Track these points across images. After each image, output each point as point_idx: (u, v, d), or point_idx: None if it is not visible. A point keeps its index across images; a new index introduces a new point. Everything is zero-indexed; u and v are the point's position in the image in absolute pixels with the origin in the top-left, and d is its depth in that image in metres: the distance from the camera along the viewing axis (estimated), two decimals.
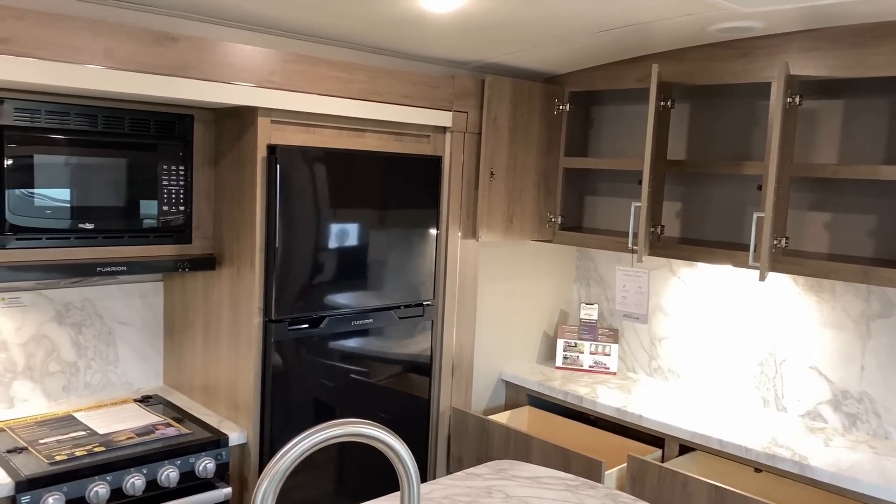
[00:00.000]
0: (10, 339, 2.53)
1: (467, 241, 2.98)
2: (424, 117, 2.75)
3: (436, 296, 2.90)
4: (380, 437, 1.11)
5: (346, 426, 1.08)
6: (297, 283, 2.46)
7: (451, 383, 2.99)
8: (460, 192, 2.92)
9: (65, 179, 2.22)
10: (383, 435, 1.11)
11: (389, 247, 2.69)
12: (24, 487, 2.01)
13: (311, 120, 2.49)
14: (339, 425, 1.08)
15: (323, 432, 1.06)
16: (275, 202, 2.37)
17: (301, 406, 2.53)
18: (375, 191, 2.63)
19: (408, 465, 1.13)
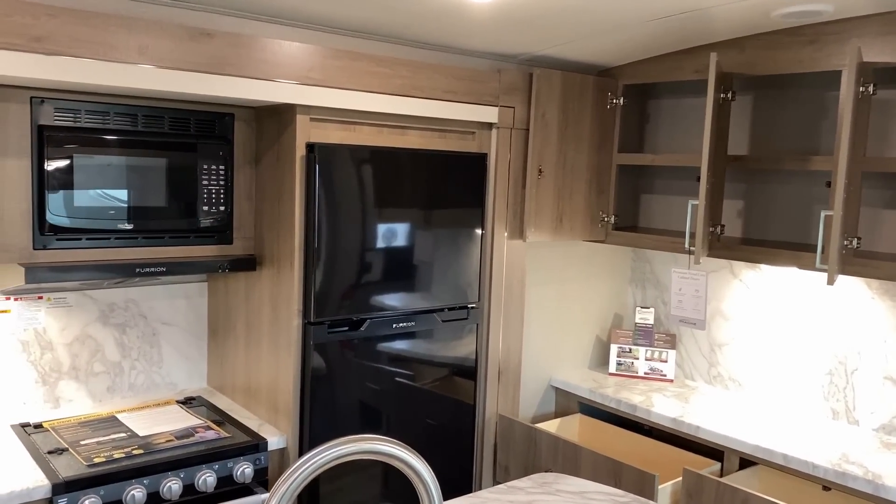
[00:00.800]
0: (56, 340, 2.54)
1: (514, 241, 2.87)
2: (469, 113, 2.65)
3: (481, 298, 2.80)
4: (399, 455, 1.02)
5: (360, 443, 1.00)
6: (338, 285, 2.40)
7: (498, 389, 2.89)
8: (507, 190, 2.82)
9: (105, 180, 2.20)
10: (402, 453, 1.02)
11: (432, 247, 2.61)
12: (60, 490, 2.00)
13: (351, 117, 2.42)
14: (354, 441, 1.00)
15: (335, 449, 0.98)
16: (314, 201, 2.31)
17: (342, 410, 2.47)
18: (418, 190, 2.55)
19: (430, 486, 1.04)
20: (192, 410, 2.59)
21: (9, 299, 2.45)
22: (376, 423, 2.55)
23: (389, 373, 2.57)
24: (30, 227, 2.12)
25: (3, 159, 2.06)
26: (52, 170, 2.11)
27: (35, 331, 2.50)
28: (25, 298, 2.48)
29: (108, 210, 2.22)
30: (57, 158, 2.12)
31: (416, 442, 2.66)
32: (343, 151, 2.36)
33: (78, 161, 2.15)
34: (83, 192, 2.17)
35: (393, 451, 1.02)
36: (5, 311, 2.45)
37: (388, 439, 1.02)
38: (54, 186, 2.12)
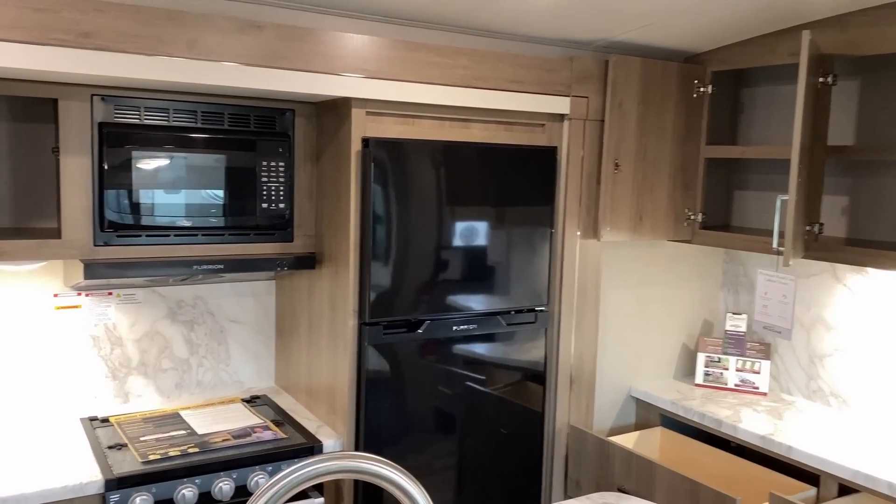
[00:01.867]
0: (126, 335, 2.58)
1: (588, 241, 2.70)
2: (538, 104, 2.50)
3: (550, 301, 2.64)
4: (388, 475, 0.90)
5: (343, 460, 0.89)
6: (395, 285, 2.31)
7: (569, 398, 2.72)
8: (579, 186, 2.64)
9: (164, 177, 2.20)
10: (392, 474, 0.90)
11: (497, 247, 2.47)
12: (113, 486, 2.00)
13: (409, 110, 2.32)
14: (336, 458, 0.89)
15: (311, 467, 0.87)
16: (370, 198, 2.23)
17: (397, 415, 2.37)
18: (481, 186, 2.42)
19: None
20: (254, 409, 2.57)
21: (80, 295, 2.50)
22: (434, 429, 2.44)
23: (449, 377, 2.45)
24: (91, 223, 2.14)
25: (66, 156, 2.09)
26: (111, 167, 2.12)
27: (105, 326, 2.54)
28: (96, 294, 2.53)
29: (167, 207, 2.22)
30: (116, 155, 2.13)
31: (477, 451, 2.53)
32: (399, 146, 2.26)
33: (137, 158, 2.16)
34: (142, 189, 2.17)
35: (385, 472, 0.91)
36: (77, 306, 2.50)
37: (377, 458, 0.91)
38: (114, 183, 2.13)
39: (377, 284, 2.27)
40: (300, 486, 0.89)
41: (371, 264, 2.25)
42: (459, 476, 2.51)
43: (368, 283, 2.26)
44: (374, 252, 2.25)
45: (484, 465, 2.54)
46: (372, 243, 2.25)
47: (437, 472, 2.48)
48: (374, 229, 2.25)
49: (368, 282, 2.26)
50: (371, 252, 2.25)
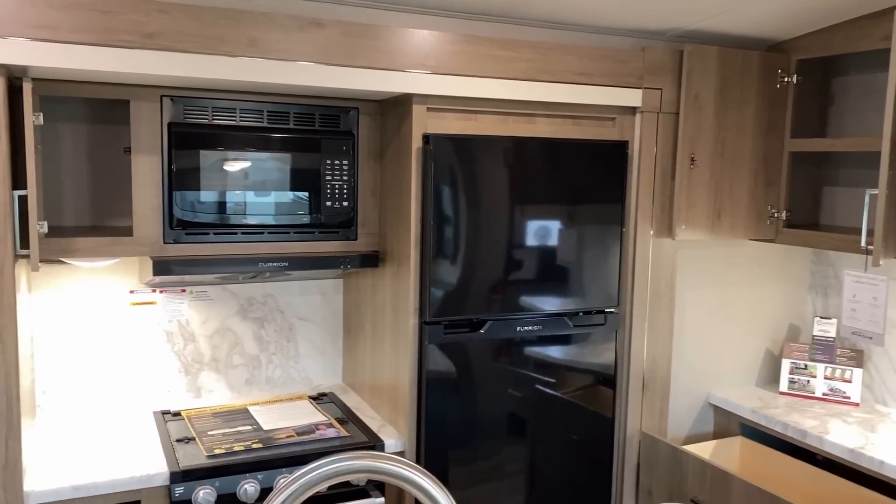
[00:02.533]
0: (198, 331, 2.64)
1: (662, 240, 2.58)
2: (607, 97, 2.41)
3: (621, 302, 2.54)
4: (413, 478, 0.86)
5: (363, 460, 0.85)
6: (456, 284, 2.27)
7: (642, 403, 2.60)
8: (652, 182, 2.53)
9: (230, 176, 2.23)
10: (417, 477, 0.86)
11: (564, 246, 2.39)
12: (178, 478, 2.04)
13: (471, 106, 2.28)
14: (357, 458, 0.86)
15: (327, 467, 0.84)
16: (430, 196, 2.20)
17: (458, 416, 2.33)
18: (547, 182, 2.35)
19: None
20: (320, 407, 2.58)
21: (154, 291, 2.58)
22: (498, 433, 2.39)
23: (513, 379, 2.39)
24: (161, 221, 2.19)
25: (137, 156, 2.15)
26: (180, 166, 2.17)
27: (178, 322, 2.61)
28: (170, 291, 2.60)
29: (233, 206, 2.25)
30: (185, 155, 2.18)
31: (543, 456, 2.46)
32: (460, 142, 2.22)
33: (205, 157, 2.20)
34: (210, 188, 2.21)
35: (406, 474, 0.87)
36: (151, 302, 2.58)
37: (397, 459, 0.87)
38: (182, 182, 2.18)
39: (438, 283, 2.24)
40: (322, 483, 0.86)
41: (432, 263, 2.22)
42: (525, 482, 2.44)
43: (429, 281, 2.23)
44: (435, 250, 2.22)
45: (550, 471, 2.47)
46: (433, 241, 2.21)
47: (501, 476, 2.42)
48: (434, 227, 2.21)
49: (429, 281, 2.23)
50: (432, 250, 2.22)
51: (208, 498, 2.05)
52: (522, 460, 2.44)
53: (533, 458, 2.45)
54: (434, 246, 2.22)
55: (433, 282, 2.23)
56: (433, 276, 2.23)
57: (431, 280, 2.22)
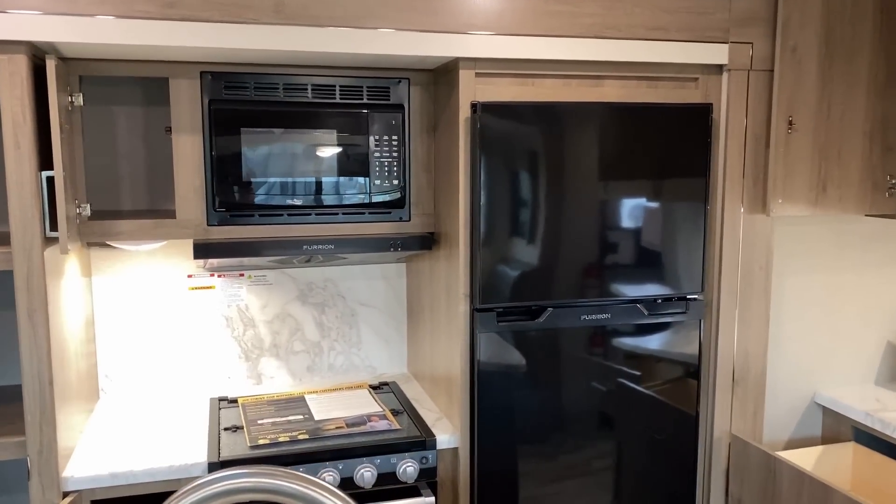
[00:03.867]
0: (257, 317, 2.57)
1: (754, 216, 2.25)
2: (686, 54, 2.12)
3: (705, 288, 2.24)
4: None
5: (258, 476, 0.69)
6: (510, 267, 2.06)
7: (731, 402, 2.30)
8: (742, 151, 2.21)
9: (274, 155, 2.13)
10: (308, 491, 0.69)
11: (637, 225, 2.13)
12: (216, 469, 1.95)
13: (527, 69, 2.05)
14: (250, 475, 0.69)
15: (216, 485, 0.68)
16: (479, 171, 2.00)
17: (515, 412, 2.13)
18: (617, 153, 2.09)
19: None
20: (378, 396, 2.45)
21: (213, 276, 2.53)
22: (559, 431, 2.16)
23: (576, 373, 2.16)
24: (203, 203, 2.12)
25: (178, 135, 2.08)
26: (221, 146, 2.08)
27: (238, 307, 2.55)
28: (228, 276, 2.54)
29: (278, 186, 2.14)
30: (226, 134, 2.09)
31: (613, 457, 2.21)
32: (512, 110, 2.00)
33: (247, 136, 2.10)
34: (253, 167, 2.12)
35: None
36: (210, 287, 2.53)
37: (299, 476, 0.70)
38: (224, 162, 2.09)
39: (490, 267, 2.04)
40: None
41: (481, 244, 2.02)
42: (595, 484, 2.21)
43: (478, 264, 2.03)
44: (485, 231, 2.02)
45: (623, 473, 2.22)
46: (484, 220, 2.02)
47: (567, 477, 2.20)
48: (486, 205, 2.01)
49: (478, 263, 2.03)
50: (481, 230, 2.02)
51: None
52: (591, 461, 2.21)
53: (603, 460, 2.21)
54: (484, 226, 2.02)
55: (484, 265, 2.03)
56: (483, 258, 2.03)
57: (482, 263, 2.03)
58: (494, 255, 2.04)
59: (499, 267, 2.05)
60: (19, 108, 1.71)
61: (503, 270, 2.06)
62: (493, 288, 2.05)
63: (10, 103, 1.70)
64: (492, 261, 2.04)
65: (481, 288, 2.04)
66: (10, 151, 1.72)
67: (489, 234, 2.03)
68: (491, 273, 2.04)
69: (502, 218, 2.03)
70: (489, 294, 2.04)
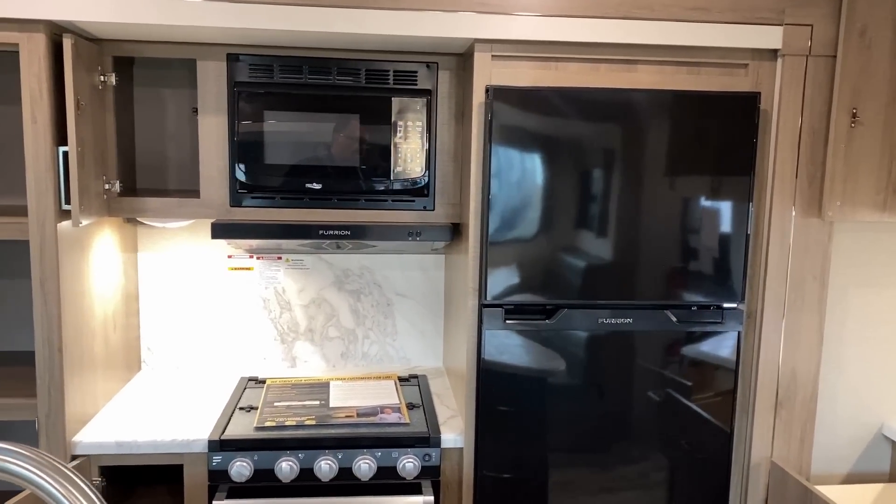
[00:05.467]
0: (294, 301, 2.59)
1: (809, 220, 2.01)
2: (734, 37, 1.92)
3: (747, 297, 2.02)
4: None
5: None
6: (521, 262, 1.94)
7: (774, 425, 2.07)
8: (796, 147, 1.97)
9: (297, 138, 2.12)
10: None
11: (666, 223, 1.95)
12: (216, 447, 1.99)
13: (550, 52, 1.92)
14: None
15: None
16: (488, 159, 1.90)
17: (519, 419, 2.01)
18: (647, 144, 1.92)
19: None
20: (403, 389, 2.40)
21: (251, 257, 2.56)
22: (567, 440, 2.02)
23: (589, 380, 2.01)
24: (226, 184, 2.14)
25: (204, 117, 2.11)
26: (244, 127, 2.10)
27: (275, 290, 2.58)
28: (266, 258, 2.57)
29: (299, 169, 2.13)
30: (249, 116, 2.10)
31: (629, 480, 2.04)
32: (530, 95, 1.88)
33: (270, 118, 2.11)
34: (275, 150, 2.12)
35: None
36: (249, 268, 2.57)
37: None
38: (247, 144, 2.11)
39: (499, 261, 1.93)
40: None
41: (490, 236, 1.92)
42: (605, 499, 2.06)
43: (486, 257, 1.93)
44: (497, 223, 1.92)
45: (638, 491, 2.05)
46: (493, 212, 1.91)
47: (569, 490, 2.05)
48: (496, 195, 1.91)
49: (486, 256, 1.93)
50: (489, 223, 1.91)
51: (242, 471, 1.97)
52: (603, 475, 2.05)
53: (616, 475, 2.05)
54: (495, 218, 1.91)
55: (492, 259, 1.93)
56: (492, 252, 1.93)
57: (490, 256, 1.93)
58: (504, 249, 1.93)
59: (509, 262, 1.94)
60: (37, 85, 1.79)
61: (513, 266, 1.94)
62: (501, 283, 1.94)
63: (28, 80, 1.78)
64: (501, 255, 1.93)
65: (488, 283, 1.93)
66: (28, 126, 1.80)
67: (500, 226, 1.92)
68: (499, 268, 1.93)
69: (515, 210, 1.92)
70: (497, 290, 1.94)
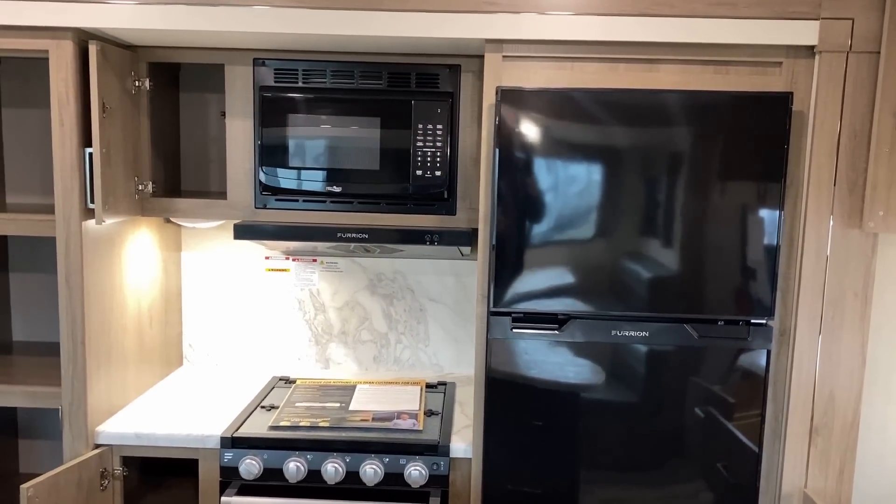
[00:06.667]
0: (328, 303, 2.62)
1: (849, 231, 1.84)
2: (764, 34, 1.79)
3: (777, 313, 1.87)
4: None
5: None
6: (530, 270, 1.88)
7: (808, 453, 1.90)
8: (834, 150, 1.81)
9: (319, 142, 2.14)
10: None
11: (688, 232, 1.83)
12: (227, 444, 2.02)
13: (564, 51, 1.85)
14: None
15: None
16: (495, 163, 1.85)
17: (526, 432, 1.93)
18: (668, 148, 1.82)
19: None
20: (428, 396, 2.37)
21: (287, 259, 2.61)
22: (572, 458, 1.93)
23: (600, 396, 1.91)
24: (252, 186, 2.19)
25: (231, 120, 2.17)
26: (269, 131, 2.14)
27: (310, 291, 2.61)
28: (302, 260, 2.61)
29: (322, 173, 2.15)
30: (274, 120, 2.13)
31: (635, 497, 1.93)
32: (538, 97, 1.82)
33: (294, 122, 2.14)
34: (297, 153, 2.15)
35: None
36: (285, 269, 2.62)
37: None
38: (271, 147, 2.14)
39: (506, 267, 1.87)
40: None
41: (497, 242, 1.86)
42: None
43: (491, 263, 1.88)
44: (505, 228, 1.86)
45: None
46: (502, 217, 1.86)
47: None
48: (505, 200, 1.85)
49: (491, 262, 1.87)
50: (495, 228, 1.86)
51: (251, 469, 2.00)
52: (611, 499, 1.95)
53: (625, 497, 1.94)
54: (503, 223, 1.86)
55: (500, 265, 1.87)
56: (499, 258, 1.87)
57: (497, 262, 1.87)
58: (513, 255, 1.87)
59: (517, 268, 1.88)
60: (64, 90, 1.88)
61: (522, 273, 1.88)
62: (509, 290, 1.88)
63: (56, 84, 1.88)
64: (509, 261, 1.87)
65: (495, 289, 1.88)
66: (56, 128, 1.89)
67: (509, 232, 1.86)
68: (507, 274, 1.87)
69: (524, 215, 1.86)
70: (504, 297, 1.88)
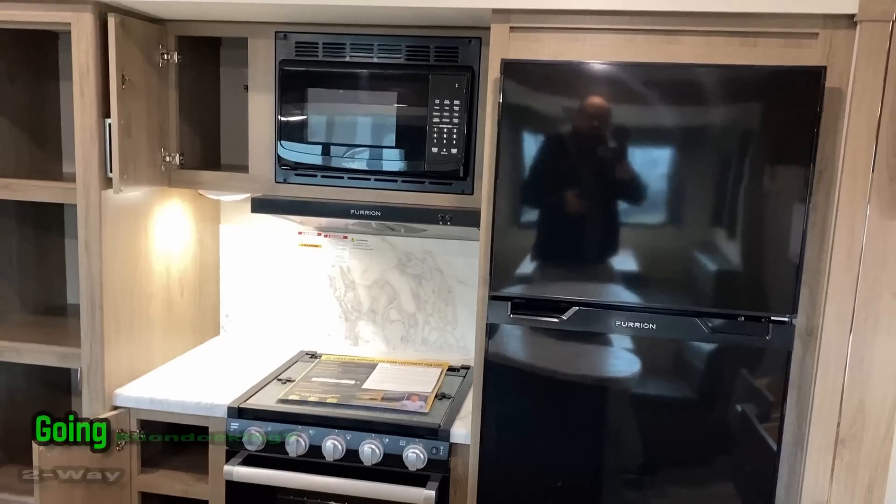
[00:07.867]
0: (358, 280, 2.61)
1: (888, 223, 1.64)
2: (797, 1, 1.61)
3: (800, 309, 1.70)
4: None
5: None
6: (533, 254, 1.79)
7: (833, 466, 1.73)
8: (874, 133, 1.62)
9: (337, 117, 2.13)
10: None
11: (702, 218, 1.70)
12: (234, 414, 2.05)
13: (575, 22, 1.74)
14: None
15: None
16: (496, 140, 1.77)
17: (522, 423, 1.86)
18: (684, 126, 1.69)
19: None
20: (446, 378, 2.33)
21: (320, 235, 2.62)
22: (570, 450, 1.83)
23: (601, 390, 1.80)
24: (272, 160, 2.20)
25: (253, 94, 2.18)
26: (288, 105, 2.14)
27: (341, 268, 2.62)
28: (333, 236, 2.61)
29: (340, 148, 2.14)
30: (293, 94, 2.13)
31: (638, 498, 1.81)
32: (544, 70, 1.72)
33: (312, 97, 2.13)
34: (316, 129, 2.14)
35: None
36: (317, 245, 2.63)
37: None
38: (290, 122, 2.15)
39: (507, 250, 1.79)
40: None
41: (497, 223, 1.79)
42: None
43: (490, 245, 1.80)
44: (507, 209, 1.78)
45: None
46: (504, 197, 1.78)
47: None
48: (508, 179, 1.77)
49: (494, 244, 1.80)
50: (495, 208, 1.78)
51: (254, 440, 2.02)
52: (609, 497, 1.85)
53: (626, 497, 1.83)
54: (505, 203, 1.78)
55: (500, 247, 1.80)
56: (499, 240, 1.79)
57: (497, 244, 1.80)
58: (514, 237, 1.79)
59: (519, 252, 1.79)
60: (85, 61, 1.93)
61: (524, 256, 1.80)
62: (508, 274, 1.80)
63: (78, 56, 1.93)
64: (510, 244, 1.79)
65: (494, 272, 1.80)
66: (77, 99, 1.95)
67: (511, 213, 1.78)
68: (508, 257, 1.79)
69: (527, 197, 1.77)
70: (503, 280, 1.80)
